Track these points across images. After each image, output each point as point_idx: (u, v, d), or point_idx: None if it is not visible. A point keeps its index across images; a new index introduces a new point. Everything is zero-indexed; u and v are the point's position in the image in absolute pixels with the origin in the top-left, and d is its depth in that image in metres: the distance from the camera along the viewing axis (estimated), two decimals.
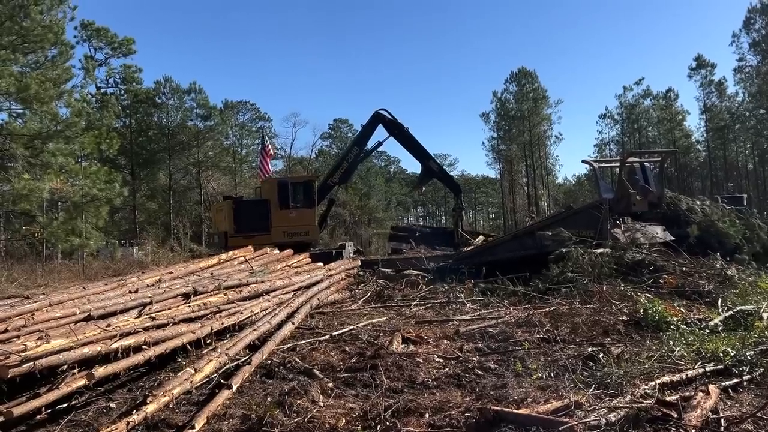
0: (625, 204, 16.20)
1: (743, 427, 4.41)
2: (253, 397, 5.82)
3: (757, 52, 49.48)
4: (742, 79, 53.37)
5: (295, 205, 20.25)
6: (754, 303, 8.51)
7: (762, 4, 47.69)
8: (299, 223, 19.82)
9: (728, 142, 59.61)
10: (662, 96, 63.14)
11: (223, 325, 8.22)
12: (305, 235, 19.66)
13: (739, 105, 56.75)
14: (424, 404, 5.21)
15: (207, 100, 52.05)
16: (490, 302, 11.57)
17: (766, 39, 47.72)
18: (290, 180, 22.89)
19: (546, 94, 63.98)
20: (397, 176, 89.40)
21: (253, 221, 20.12)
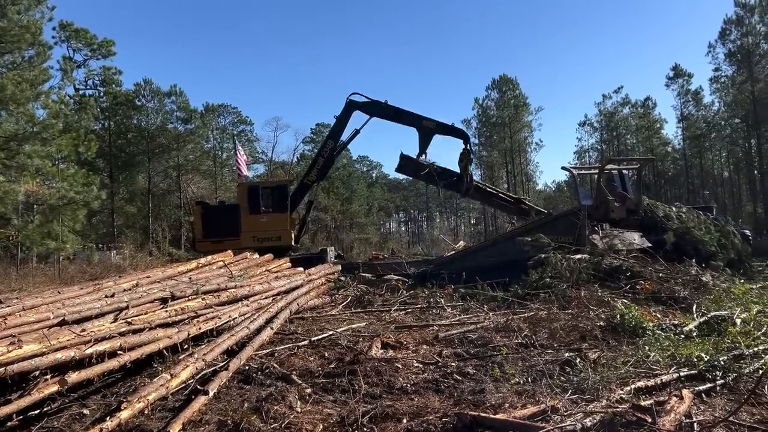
0: (603, 210, 16.41)
1: (715, 431, 4.47)
2: (229, 403, 5.76)
3: (732, 63, 50.47)
4: (718, 89, 54.39)
5: (266, 210, 20.07)
6: (727, 309, 8.64)
7: (737, 16, 48.69)
8: (271, 227, 19.56)
9: (704, 151, 60.68)
10: (641, 104, 64.19)
11: (201, 330, 8.13)
12: (277, 240, 19.33)
13: (715, 114, 57.83)
14: (402, 410, 5.21)
15: (188, 103, 51.76)
16: (469, 307, 11.60)
17: (741, 50, 48.69)
18: (261, 185, 22.73)
19: (527, 102, 64.64)
20: (379, 181, 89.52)
21: (221, 226, 20.03)
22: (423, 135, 20.88)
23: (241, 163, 31.16)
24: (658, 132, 64.22)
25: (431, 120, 20.94)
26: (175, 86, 50.95)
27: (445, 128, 21.12)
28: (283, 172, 57.92)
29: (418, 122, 20.90)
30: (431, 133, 21.07)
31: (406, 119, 21.27)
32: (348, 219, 62.27)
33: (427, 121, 20.93)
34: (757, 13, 47.72)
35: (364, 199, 69.91)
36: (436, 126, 20.96)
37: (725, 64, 51.36)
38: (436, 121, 20.87)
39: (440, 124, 20.92)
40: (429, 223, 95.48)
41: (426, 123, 20.92)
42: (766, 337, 7.00)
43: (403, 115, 21.30)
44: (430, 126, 20.97)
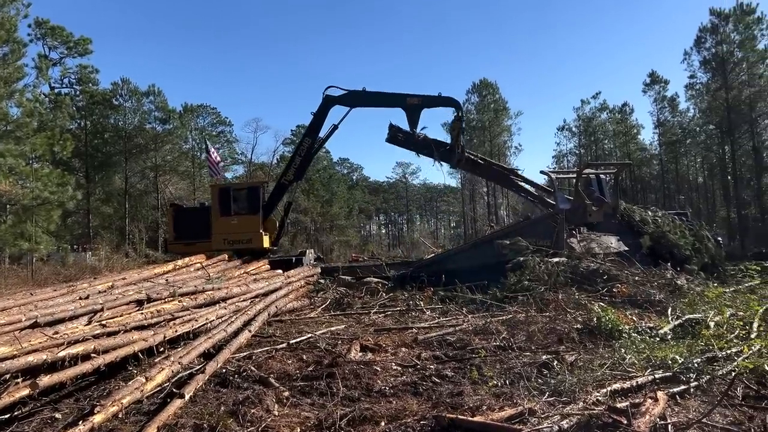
0: (580, 214, 16.57)
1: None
2: (206, 407, 5.69)
3: (707, 70, 51.35)
4: (693, 96, 55.28)
5: (238, 212, 19.87)
6: (701, 312, 8.79)
7: (712, 24, 49.59)
8: (242, 230, 19.26)
9: (680, 156, 61.63)
10: (618, 110, 64.98)
11: (177, 332, 8.04)
12: (248, 242, 19.02)
13: (690, 120, 58.77)
14: (380, 412, 5.19)
15: (166, 103, 51.16)
16: (448, 310, 11.65)
17: (716, 57, 49.59)
18: (233, 186, 22.39)
19: (506, 106, 65.04)
20: (359, 183, 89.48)
21: (193, 228, 19.77)
22: (410, 113, 20.11)
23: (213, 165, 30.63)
24: (635, 137, 65.12)
25: (415, 95, 20.18)
26: (153, 86, 50.40)
27: (432, 100, 20.37)
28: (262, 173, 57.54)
29: (402, 101, 20.17)
30: (418, 109, 20.21)
31: (388, 101, 20.60)
32: (328, 221, 62.09)
33: (411, 98, 20.14)
34: (732, 21, 48.66)
35: (345, 201, 69.74)
36: (422, 100, 20.16)
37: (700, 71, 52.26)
38: (420, 95, 20.18)
39: (426, 97, 20.21)
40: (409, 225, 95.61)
41: (410, 100, 20.11)
42: (738, 340, 7.13)
43: (384, 98, 20.65)
44: (415, 102, 20.11)
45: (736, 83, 49.08)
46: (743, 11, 48.46)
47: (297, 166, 20.52)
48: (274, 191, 21.05)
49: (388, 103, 20.51)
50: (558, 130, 69.20)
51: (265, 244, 19.19)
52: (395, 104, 20.29)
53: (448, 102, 20.46)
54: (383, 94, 20.55)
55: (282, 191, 20.93)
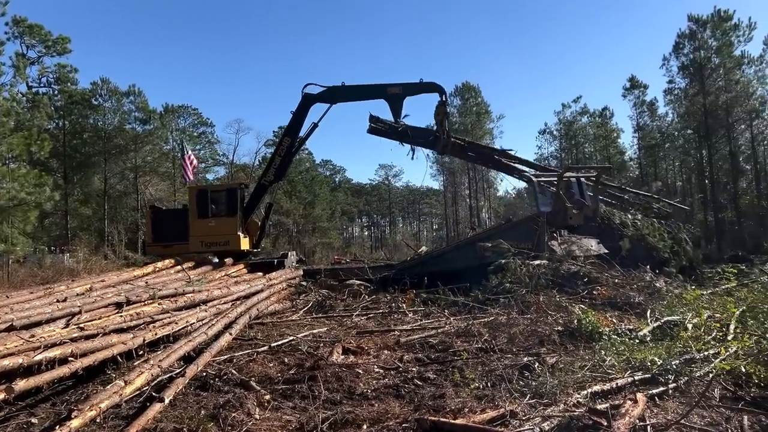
0: (561, 217, 16.71)
1: None
2: (186, 411, 5.63)
3: (685, 75, 52.15)
4: (672, 101, 56.08)
5: (215, 214, 19.70)
6: (680, 314, 8.90)
7: (690, 30, 50.37)
8: (219, 232, 19.06)
9: (659, 160, 62.45)
10: (598, 114, 65.71)
11: (157, 335, 7.96)
12: (225, 245, 18.84)
13: (669, 125, 59.61)
14: (362, 416, 5.18)
15: (146, 104, 50.60)
16: (431, 312, 11.68)
17: (694, 63, 50.37)
18: (210, 188, 22.21)
19: (488, 109, 65.49)
20: (342, 185, 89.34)
21: (171, 230, 19.57)
22: (392, 102, 19.81)
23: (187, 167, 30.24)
24: (614, 141, 65.88)
25: (396, 84, 19.81)
26: (133, 86, 49.84)
27: (414, 87, 19.94)
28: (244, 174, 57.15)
29: (382, 91, 19.89)
30: (400, 98, 19.91)
31: (369, 93, 20.34)
32: (310, 223, 61.87)
33: (391, 87, 19.83)
34: (709, 28, 49.48)
35: (327, 203, 69.56)
36: (403, 88, 19.81)
37: (678, 76, 53.07)
38: (401, 83, 19.76)
39: (406, 84, 19.82)
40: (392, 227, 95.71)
41: (391, 89, 19.83)
42: (715, 342, 7.23)
43: (364, 90, 20.42)
44: (396, 91, 19.79)
45: (713, 89, 49.91)
46: (720, 18, 49.31)
47: (277, 166, 20.29)
48: (254, 192, 20.87)
49: (369, 95, 20.32)
50: (539, 134, 69.76)
51: (243, 246, 19.01)
52: (376, 95, 20.09)
53: (430, 87, 20.02)
54: (363, 87, 20.38)
55: (262, 192, 20.72)
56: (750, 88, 49.80)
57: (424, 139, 20.73)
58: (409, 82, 19.70)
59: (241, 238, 18.94)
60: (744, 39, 49.27)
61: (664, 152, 61.81)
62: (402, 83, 19.65)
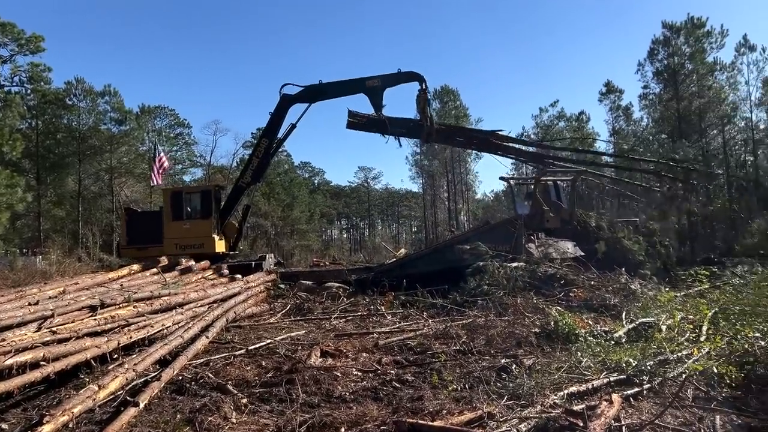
0: (538, 220, 16.87)
1: None
2: (161, 415, 5.56)
3: (659, 81, 53.04)
4: (647, 105, 56.98)
5: (190, 216, 19.45)
6: (654, 316, 9.03)
7: (665, 37, 51.27)
8: (193, 234, 18.82)
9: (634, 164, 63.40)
10: (575, 118, 66.65)
11: (132, 339, 7.84)
12: (200, 247, 18.59)
13: (644, 129, 60.57)
14: (340, 418, 5.16)
15: (122, 104, 49.87)
16: (409, 314, 11.69)
17: (668, 69, 51.28)
18: (184, 190, 21.93)
19: (467, 113, 65.87)
20: (321, 188, 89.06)
21: (145, 232, 19.37)
22: (372, 96, 19.71)
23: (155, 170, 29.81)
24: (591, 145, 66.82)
25: (374, 77, 19.70)
26: (108, 86, 49.07)
27: (393, 78, 19.81)
28: (221, 176, 56.68)
29: (361, 85, 19.77)
30: (380, 91, 19.76)
31: (348, 89, 20.14)
32: (289, 225, 61.52)
33: (370, 80, 19.70)
34: (683, 34, 50.41)
35: (306, 205, 69.25)
36: (383, 80, 19.67)
37: (653, 82, 53.94)
38: (380, 75, 19.68)
39: (385, 76, 19.70)
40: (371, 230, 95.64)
41: (370, 82, 19.67)
42: (689, 343, 7.35)
43: (343, 86, 20.17)
44: (375, 84, 19.64)
45: (686, 94, 50.84)
46: (694, 25, 50.26)
47: (254, 167, 20.04)
48: (231, 194, 20.63)
49: (348, 91, 20.17)
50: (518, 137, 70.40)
51: (218, 248, 18.78)
52: (355, 90, 19.98)
53: (409, 77, 19.92)
54: (341, 83, 20.16)
55: (240, 194, 20.47)
56: (722, 93, 50.81)
57: (406, 128, 20.63)
58: (388, 74, 19.66)
59: (216, 240, 18.72)
60: (716, 46, 50.27)
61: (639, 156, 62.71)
62: (380, 75, 19.61)
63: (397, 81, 19.86)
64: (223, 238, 19.35)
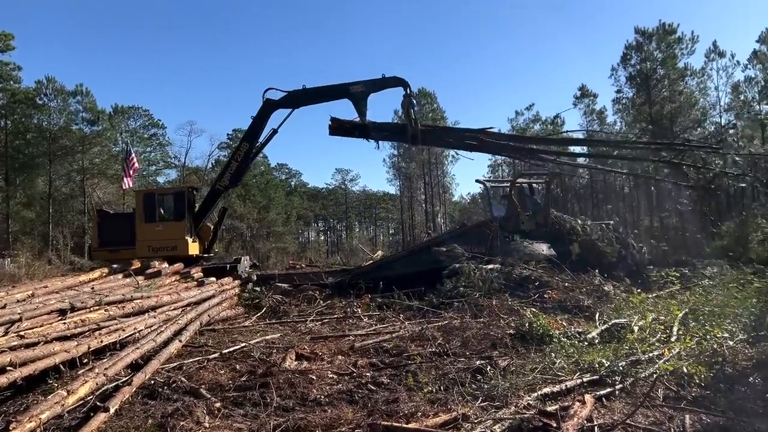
0: (514, 222, 17.00)
1: None
2: (132, 420, 5.46)
3: (632, 86, 54.04)
4: (620, 110, 58.03)
5: (163, 218, 19.09)
6: (626, 317, 9.17)
7: (637, 42, 52.21)
8: (166, 236, 18.48)
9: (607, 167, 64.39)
10: (550, 121, 67.45)
11: (103, 343, 7.70)
12: (173, 249, 18.20)
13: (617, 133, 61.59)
14: (314, 422, 5.13)
15: (94, 104, 49.13)
16: (386, 317, 11.68)
17: (641, 74, 52.25)
18: (157, 191, 21.62)
19: (444, 115, 66.20)
20: (298, 189, 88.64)
21: (117, 235, 19.02)
22: (356, 101, 19.31)
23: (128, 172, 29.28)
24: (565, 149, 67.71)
25: (358, 82, 19.26)
26: (80, 86, 48.28)
27: (377, 83, 19.45)
28: (196, 177, 56.08)
29: (345, 91, 19.37)
30: (364, 96, 19.42)
31: (332, 94, 19.77)
32: (265, 227, 61.10)
33: (354, 86, 19.28)
34: (655, 40, 51.43)
35: (282, 207, 68.86)
36: (367, 86, 19.33)
37: (626, 86, 54.95)
38: (363, 81, 19.30)
39: (369, 81, 19.37)
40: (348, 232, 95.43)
41: (354, 88, 19.26)
42: (660, 343, 7.48)
43: (327, 92, 19.80)
44: (359, 89, 19.26)
45: (658, 99, 51.85)
46: (665, 31, 51.28)
47: (233, 171, 19.65)
48: (208, 197, 20.34)
49: (332, 96, 19.86)
50: None
51: (191, 251, 18.49)
52: (339, 96, 19.63)
53: (394, 82, 19.61)
54: (325, 88, 19.85)
55: (216, 197, 20.13)
56: (693, 98, 51.95)
57: (390, 132, 20.49)
58: (372, 79, 19.42)
59: (189, 242, 18.48)
60: (687, 51, 51.41)
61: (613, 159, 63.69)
62: (365, 81, 19.35)
63: (382, 86, 19.62)
64: (197, 240, 19.10)
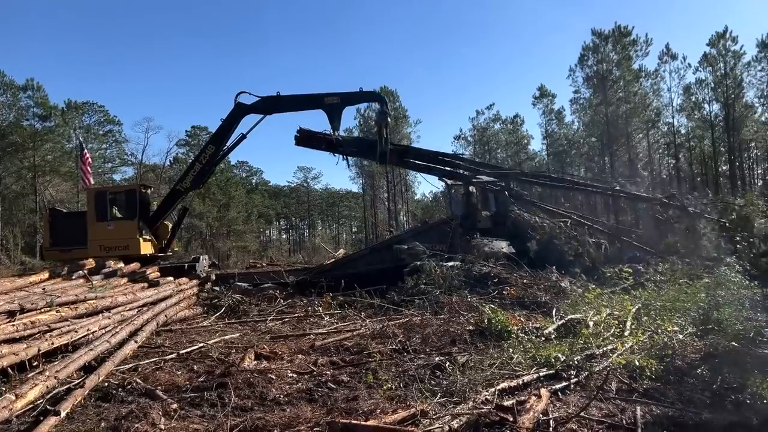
0: (472, 220, 17.18)
1: (569, 426, 4.81)
2: (84, 424, 5.33)
3: (589, 86, 55.33)
4: (577, 110, 59.39)
5: (114, 217, 18.63)
6: (582, 312, 9.37)
7: (594, 44, 53.45)
8: (117, 236, 18.03)
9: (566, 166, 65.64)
10: (510, 121, 68.51)
11: (54, 345, 7.47)
12: (124, 249, 17.70)
13: (575, 133, 62.97)
14: (273, 421, 5.09)
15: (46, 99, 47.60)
16: (347, 315, 11.67)
17: (597, 75, 53.50)
18: (109, 190, 21.12)
19: (406, 114, 66.49)
20: (259, 187, 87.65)
21: (70, 234, 18.53)
22: (330, 112, 18.77)
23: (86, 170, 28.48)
24: (525, 147, 68.94)
25: (334, 94, 18.78)
26: (31, 80, 46.74)
27: (353, 96, 19.20)
28: (154, 175, 54.94)
29: (320, 101, 18.81)
30: (339, 109, 18.87)
31: (306, 103, 19.21)
32: (225, 226, 60.21)
33: (329, 97, 18.75)
34: (611, 42, 52.72)
35: (243, 205, 67.92)
36: (342, 98, 18.88)
37: (583, 87, 56.25)
38: (339, 93, 18.88)
39: (345, 94, 18.98)
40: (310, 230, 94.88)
41: (329, 99, 18.72)
42: (614, 338, 7.67)
43: (301, 101, 19.27)
44: (334, 101, 18.70)
45: (614, 99, 53.16)
46: (621, 33, 52.60)
47: (196, 173, 19.08)
48: (167, 197, 19.82)
49: (306, 106, 19.41)
50: (455, 139, 71.68)
51: (144, 250, 18.08)
52: (313, 106, 19.12)
53: (370, 97, 19.61)
54: (300, 97, 19.45)
55: (176, 197, 19.49)
56: (647, 99, 53.47)
57: (358, 149, 20.14)
58: (348, 92, 19.09)
59: (140, 242, 18.10)
60: (641, 53, 52.90)
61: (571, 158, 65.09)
62: (340, 93, 18.98)
63: (357, 100, 19.48)
64: (151, 239, 18.68)
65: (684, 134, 55.71)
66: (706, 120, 52.49)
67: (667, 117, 54.50)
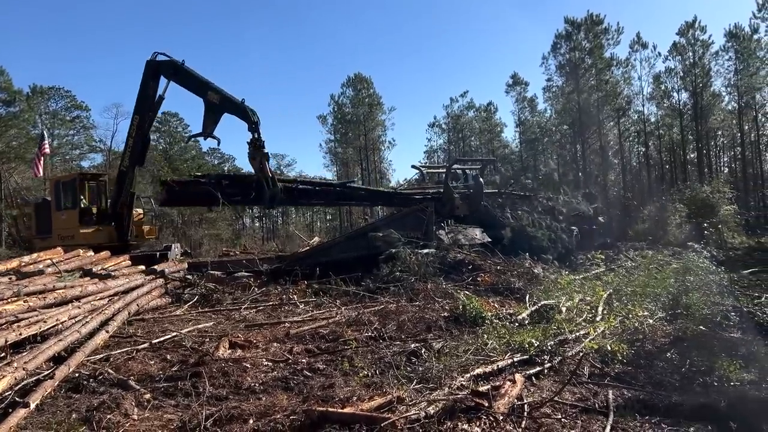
0: (449, 207, 17.26)
1: (543, 410, 4.88)
2: (55, 415, 5.22)
3: (562, 74, 55.87)
4: (550, 98, 59.98)
5: (65, 207, 18.90)
6: (555, 298, 9.51)
7: (567, 32, 53.86)
8: (66, 225, 18.25)
9: (538, 153, 66.42)
10: (484, 108, 68.85)
11: (22, 335, 7.30)
12: (71, 238, 17.66)
13: (547, 120, 63.62)
14: (248, 410, 5.05)
15: (10, 83, 46.27)
16: (322, 303, 11.64)
17: (570, 63, 53.99)
18: (61, 179, 20.85)
19: (381, 101, 66.32)
20: None
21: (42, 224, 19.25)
22: (208, 109, 16.53)
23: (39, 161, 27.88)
24: (498, 135, 69.46)
25: (218, 90, 16.45)
26: None
27: (231, 104, 16.47)
28: None
29: (204, 92, 16.61)
30: (218, 111, 16.56)
31: (195, 87, 16.99)
32: (197, 214, 59.53)
33: (212, 93, 16.43)
34: (583, 30, 53.19)
35: None
36: (222, 100, 16.42)
37: (556, 75, 56.78)
38: (222, 93, 16.48)
39: (227, 98, 16.46)
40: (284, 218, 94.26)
41: (211, 95, 16.43)
42: (586, 323, 7.80)
43: (193, 82, 17.05)
44: (214, 99, 16.37)
45: (586, 87, 53.73)
46: (593, 21, 53.08)
47: (131, 149, 17.91)
48: (116, 182, 18.85)
49: (194, 89, 17.08)
50: (429, 127, 71.91)
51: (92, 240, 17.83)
52: (199, 93, 16.88)
53: (244, 115, 16.38)
54: (193, 78, 17.14)
55: (123, 179, 18.28)
56: (618, 88, 54.17)
57: (242, 195, 17.07)
58: (230, 97, 16.60)
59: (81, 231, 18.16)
60: (613, 42, 53.51)
61: (543, 146, 65.76)
62: (223, 93, 16.60)
63: (233, 110, 16.58)
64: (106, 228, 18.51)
65: (653, 122, 56.68)
66: (674, 108, 53.46)
67: (637, 105, 55.38)
